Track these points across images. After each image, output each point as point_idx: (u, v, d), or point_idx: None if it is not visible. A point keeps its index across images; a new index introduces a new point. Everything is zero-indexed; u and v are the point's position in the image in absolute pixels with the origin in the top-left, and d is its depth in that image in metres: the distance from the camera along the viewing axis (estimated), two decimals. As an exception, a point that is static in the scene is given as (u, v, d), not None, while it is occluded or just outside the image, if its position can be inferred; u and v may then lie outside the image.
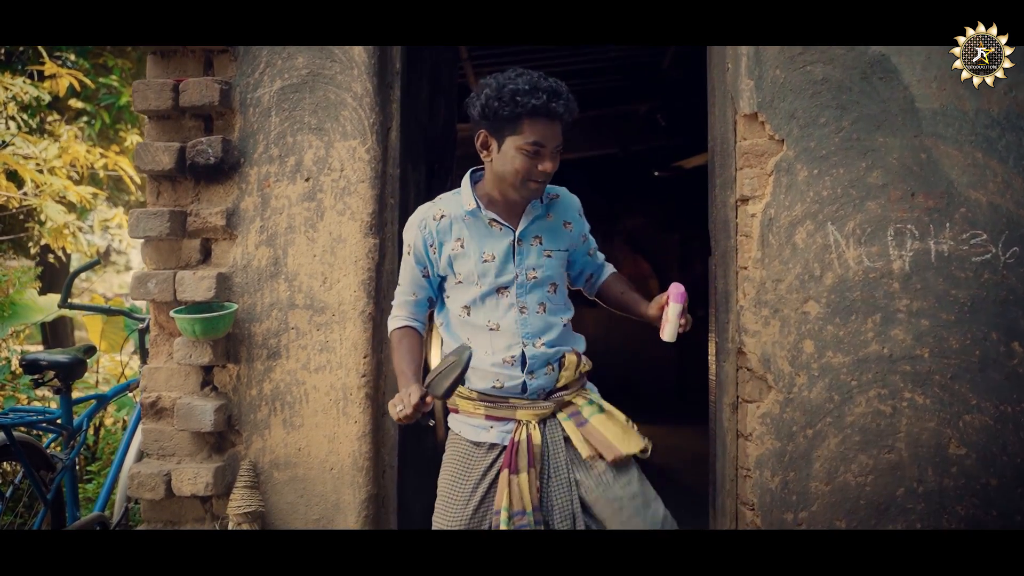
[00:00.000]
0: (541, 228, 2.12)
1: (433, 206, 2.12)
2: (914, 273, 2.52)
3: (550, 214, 2.15)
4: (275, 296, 2.66)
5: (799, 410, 2.54)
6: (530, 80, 1.93)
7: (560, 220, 2.17)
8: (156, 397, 2.68)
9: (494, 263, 2.06)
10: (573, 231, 2.20)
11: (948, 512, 2.50)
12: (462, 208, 2.08)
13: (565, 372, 2.10)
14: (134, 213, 2.62)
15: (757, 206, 2.58)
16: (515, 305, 2.06)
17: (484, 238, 2.08)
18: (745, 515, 2.59)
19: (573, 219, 2.20)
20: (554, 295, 2.12)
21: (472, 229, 2.08)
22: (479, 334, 2.08)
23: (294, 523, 2.65)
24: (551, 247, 2.12)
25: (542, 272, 2.09)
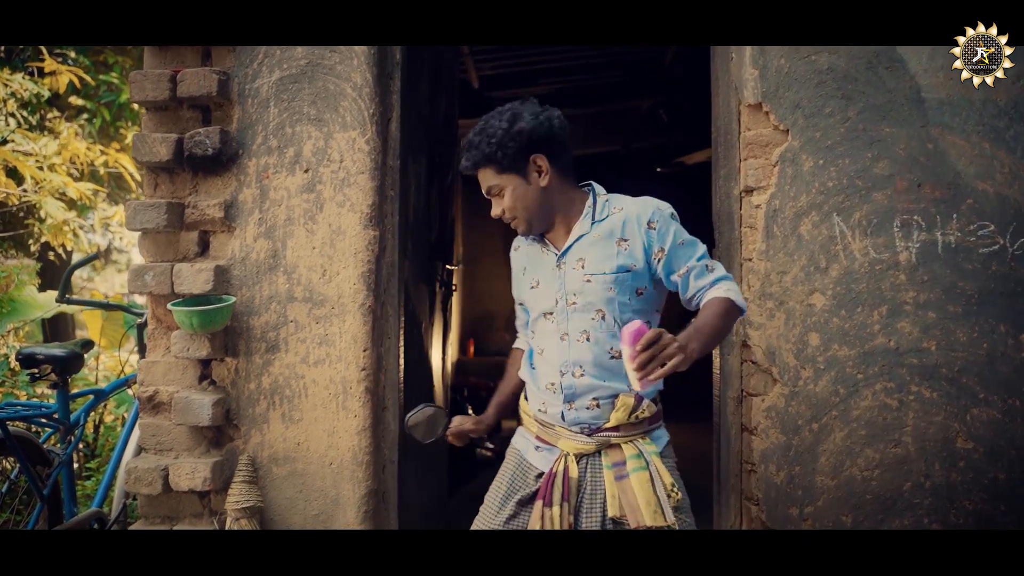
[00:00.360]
0: (585, 248, 1.96)
1: (516, 240, 2.16)
2: (921, 265, 2.49)
3: (599, 231, 1.97)
4: (274, 289, 2.63)
5: (804, 403, 2.51)
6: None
7: (612, 237, 1.95)
8: (154, 391, 2.65)
9: (539, 288, 2.02)
10: (633, 249, 1.94)
11: (956, 507, 2.47)
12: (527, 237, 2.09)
13: (616, 413, 1.93)
14: (131, 205, 2.59)
15: (762, 197, 2.55)
16: (557, 332, 1.97)
17: (536, 262, 2.06)
18: (750, 510, 2.56)
19: (633, 234, 1.94)
20: (601, 322, 1.93)
21: (531, 254, 2.08)
22: (537, 359, 2.06)
23: (293, 518, 2.62)
24: (593, 271, 1.94)
25: (582, 298, 1.94)
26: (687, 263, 1.94)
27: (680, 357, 1.67)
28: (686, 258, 1.95)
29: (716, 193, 2.73)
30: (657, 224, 1.94)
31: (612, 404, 1.94)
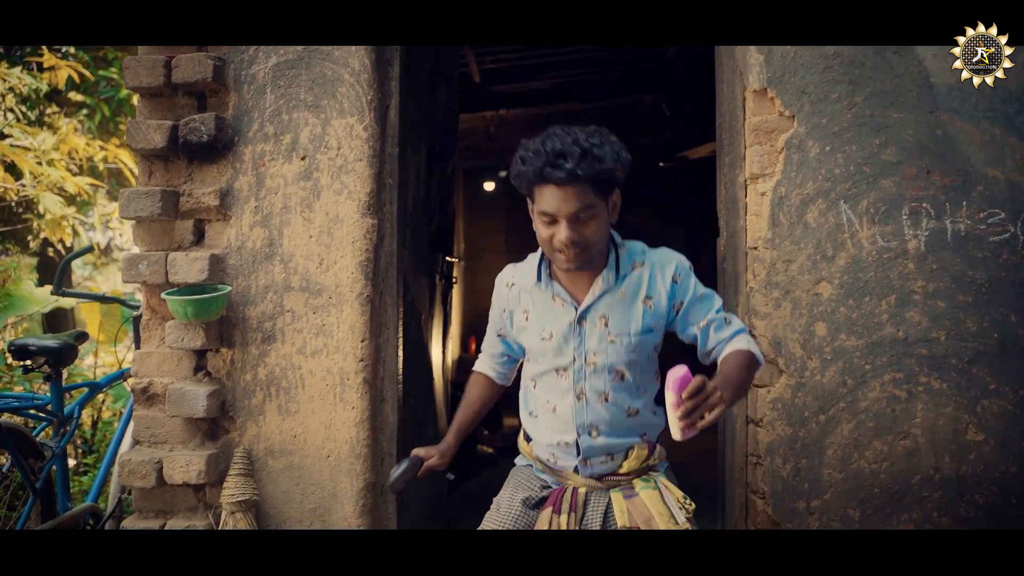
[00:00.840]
0: (610, 305, 1.90)
1: (510, 272, 2.05)
2: (930, 253, 2.44)
3: (624, 288, 1.91)
4: (270, 278, 2.59)
5: (811, 395, 2.46)
6: (540, 143, 1.77)
7: (637, 295, 1.90)
8: (148, 383, 2.60)
9: (552, 342, 1.93)
10: (658, 306, 1.91)
11: (966, 500, 2.42)
12: (530, 277, 1.97)
13: (629, 462, 1.95)
14: (124, 193, 2.55)
15: (767, 184, 2.50)
16: (572, 390, 1.92)
17: (546, 313, 1.95)
18: (755, 504, 2.51)
19: (655, 291, 1.91)
20: (620, 383, 1.92)
21: (538, 302, 1.97)
22: (540, 409, 2.00)
23: (289, 512, 2.57)
24: (617, 331, 1.89)
25: (603, 359, 1.90)
26: (706, 316, 1.92)
27: (723, 407, 1.61)
28: (705, 311, 1.93)
29: (721, 181, 2.68)
30: (680, 278, 1.92)
31: (626, 455, 1.95)
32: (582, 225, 1.78)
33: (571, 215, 1.76)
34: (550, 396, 1.96)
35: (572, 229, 1.76)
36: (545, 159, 1.73)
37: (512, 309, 2.02)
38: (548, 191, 1.76)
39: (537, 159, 1.75)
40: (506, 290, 2.03)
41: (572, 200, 1.75)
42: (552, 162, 1.72)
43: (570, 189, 1.74)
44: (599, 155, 1.74)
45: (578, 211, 1.76)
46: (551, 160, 1.72)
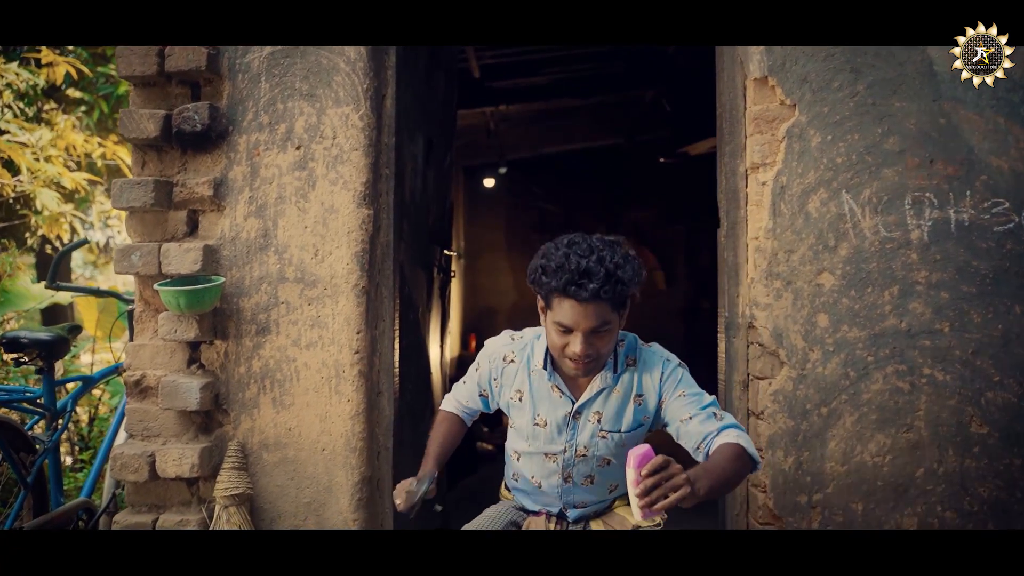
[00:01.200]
0: (604, 403, 1.99)
1: (508, 346, 2.09)
2: (933, 243, 2.40)
3: (618, 387, 1.99)
4: (264, 269, 2.55)
5: (813, 387, 2.43)
6: (564, 256, 1.80)
7: (629, 393, 1.99)
8: (140, 375, 2.57)
9: (545, 429, 2.02)
10: (647, 403, 1.99)
11: (970, 494, 2.38)
12: (530, 360, 2.04)
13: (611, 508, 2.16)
14: (117, 183, 2.52)
15: (768, 174, 2.46)
16: (559, 473, 2.05)
17: (543, 399, 2.02)
18: (757, 497, 2.47)
19: (644, 391, 1.99)
20: (606, 468, 2.04)
21: (535, 385, 2.03)
22: (524, 481, 2.12)
23: (284, 506, 2.54)
24: (608, 428, 1.99)
25: (593, 451, 2.02)
26: (691, 411, 1.91)
27: (687, 490, 1.56)
28: (693, 406, 1.92)
29: (721, 170, 2.65)
30: (667, 374, 1.98)
31: (610, 506, 2.15)
32: (597, 338, 1.84)
33: (588, 330, 1.81)
34: (535, 473, 2.08)
35: (587, 343, 1.83)
36: (570, 277, 1.77)
37: (504, 384, 2.08)
38: (568, 305, 1.80)
39: (561, 274, 1.78)
40: (502, 363, 2.08)
41: (591, 317, 1.80)
42: (576, 281, 1.76)
43: (590, 307, 1.78)
44: (622, 277, 1.79)
45: (595, 327, 1.81)
46: (575, 279, 1.76)
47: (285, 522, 2.53)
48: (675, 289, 8.13)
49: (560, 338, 1.86)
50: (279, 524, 2.53)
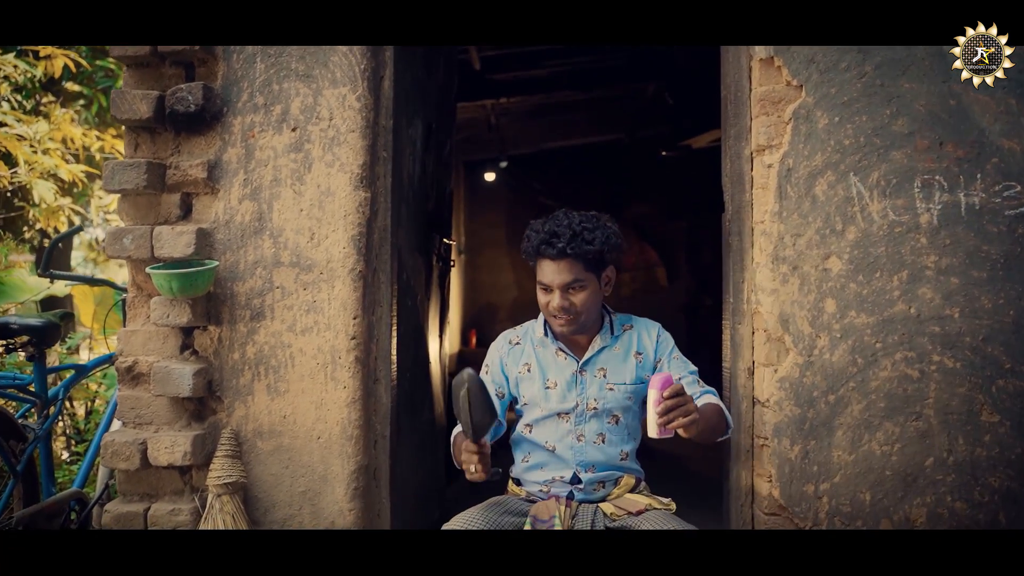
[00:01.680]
0: (607, 360, 2.22)
1: (511, 332, 2.34)
2: (943, 227, 2.35)
3: (618, 346, 2.24)
4: (259, 253, 2.50)
5: (820, 374, 2.37)
6: (541, 223, 2.12)
7: (629, 351, 2.23)
8: (132, 362, 2.51)
9: (556, 390, 2.20)
10: (646, 360, 2.23)
11: (980, 484, 2.33)
12: (533, 336, 2.28)
13: (617, 489, 2.22)
14: (109, 164, 2.46)
15: (774, 156, 2.41)
16: (573, 432, 2.18)
17: (549, 365, 2.24)
18: (762, 487, 2.41)
19: (643, 348, 2.24)
20: (615, 426, 2.20)
21: (541, 355, 2.25)
22: (537, 450, 2.23)
23: (278, 496, 2.48)
24: (614, 380, 2.20)
25: (603, 404, 2.19)
26: (681, 372, 2.22)
27: (696, 416, 1.85)
28: (680, 369, 2.23)
29: (726, 153, 2.59)
30: (660, 339, 2.26)
31: (616, 483, 2.23)
32: (572, 294, 2.10)
33: (562, 286, 2.09)
34: (548, 438, 2.20)
35: (563, 297, 2.10)
36: (542, 238, 2.08)
37: (511, 363, 2.27)
38: (544, 264, 2.10)
39: (536, 237, 2.10)
40: (508, 346, 2.29)
41: (564, 273, 2.08)
42: (547, 240, 2.07)
43: (562, 263, 2.08)
44: (588, 238, 2.07)
45: (569, 283, 2.09)
46: (546, 239, 2.07)
47: (279, 512, 2.48)
48: (677, 285, 8.08)
49: (544, 297, 2.14)
50: (273, 514, 2.48)
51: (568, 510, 2.10)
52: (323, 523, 2.46)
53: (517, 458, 2.31)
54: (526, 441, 2.27)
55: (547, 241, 2.07)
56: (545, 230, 2.09)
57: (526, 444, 2.27)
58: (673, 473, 4.61)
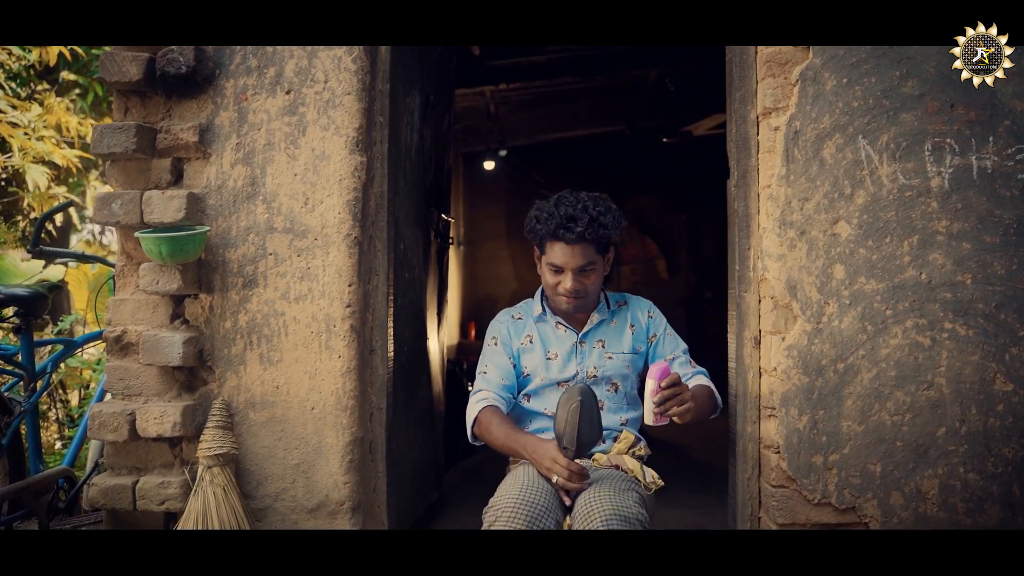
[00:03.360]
0: (605, 332, 2.30)
1: (513, 308, 2.41)
2: (954, 191, 2.28)
3: (615, 320, 2.33)
4: (252, 219, 2.43)
5: (828, 342, 2.30)
6: (554, 205, 2.14)
7: (624, 324, 2.32)
8: (121, 331, 2.45)
9: (557, 360, 2.27)
10: (639, 331, 2.32)
11: (993, 455, 2.26)
12: (532, 312, 2.35)
13: (618, 445, 2.24)
14: (97, 128, 2.40)
15: (781, 118, 2.34)
16: None
17: (550, 338, 2.31)
18: (769, 459, 2.34)
19: (637, 321, 2.33)
20: (615, 394, 2.27)
21: (541, 329, 2.32)
22: (537, 418, 2.27)
23: (271, 468, 2.41)
24: (613, 350, 2.28)
25: (602, 371, 2.26)
26: (673, 351, 2.32)
27: (691, 405, 1.96)
28: (673, 346, 2.33)
29: (731, 118, 2.53)
30: (653, 314, 2.37)
31: (615, 438, 2.26)
32: (584, 276, 2.17)
33: (576, 268, 2.15)
34: (548, 405, 2.24)
35: (576, 280, 2.16)
36: (559, 222, 2.10)
37: (515, 336, 2.32)
38: (559, 247, 2.14)
39: (551, 220, 2.12)
40: (510, 320, 2.35)
41: (578, 256, 2.13)
42: (565, 225, 2.10)
43: (577, 247, 2.12)
44: (604, 222, 2.12)
45: (582, 266, 2.15)
46: (564, 223, 2.10)
47: (272, 485, 2.41)
48: (677, 278, 8.01)
49: (553, 277, 2.18)
50: (266, 487, 2.41)
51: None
52: (317, 496, 2.39)
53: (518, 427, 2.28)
54: (525, 411, 2.30)
55: (564, 225, 2.10)
56: (561, 214, 2.11)
57: (526, 414, 2.31)
58: (676, 462, 4.55)
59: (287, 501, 2.40)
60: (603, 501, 1.92)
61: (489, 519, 1.96)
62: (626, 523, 1.87)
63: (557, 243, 2.13)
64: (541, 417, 2.26)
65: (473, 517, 3.10)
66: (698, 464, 4.51)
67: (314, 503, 2.39)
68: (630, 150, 7.66)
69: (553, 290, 2.20)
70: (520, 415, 2.32)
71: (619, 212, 2.20)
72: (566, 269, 2.14)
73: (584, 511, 1.94)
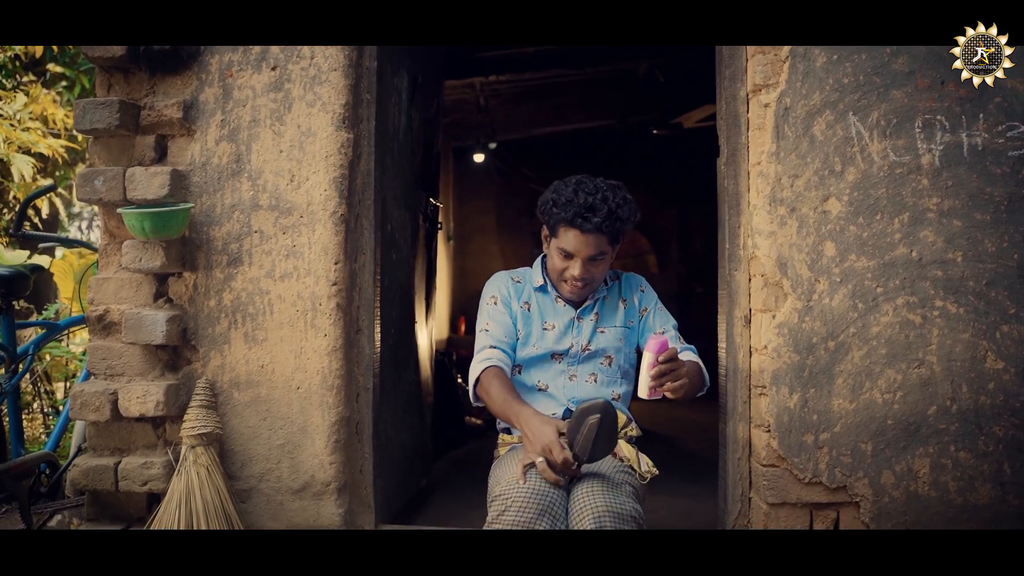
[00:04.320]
0: (600, 307, 2.29)
1: (513, 272, 2.37)
2: (945, 168, 2.27)
3: (608, 295, 2.31)
4: (237, 196, 2.40)
5: (819, 320, 2.29)
6: (573, 192, 2.10)
7: (617, 298, 2.31)
8: (104, 310, 2.41)
9: (553, 332, 2.23)
10: (631, 305, 2.31)
11: (985, 433, 2.25)
12: (532, 281, 2.31)
13: None
14: (80, 103, 2.36)
15: (771, 95, 2.33)
16: (565, 372, 2.21)
17: (549, 309, 2.28)
18: (760, 438, 2.33)
19: (628, 296, 2.32)
20: (608, 368, 2.24)
21: (540, 300, 2.29)
22: (527, 393, 2.21)
23: (256, 449, 2.38)
24: (605, 324, 2.27)
25: (596, 345, 2.23)
26: (664, 325, 2.29)
27: (685, 381, 1.93)
28: (663, 320, 2.30)
29: (721, 96, 2.51)
30: (645, 289, 2.35)
31: None
32: (593, 265, 2.14)
33: (587, 257, 2.12)
34: (541, 378, 2.21)
35: (585, 268, 2.13)
36: (577, 210, 2.07)
37: (515, 297, 2.29)
38: (573, 234, 2.10)
39: (570, 207, 2.08)
40: (510, 282, 2.31)
41: (591, 246, 2.10)
42: (583, 214, 2.07)
43: (591, 237, 2.09)
44: (621, 215, 2.10)
45: (593, 255, 2.12)
46: (582, 212, 2.07)
47: (256, 466, 2.38)
48: (667, 273, 8.00)
49: (562, 262, 2.15)
50: (250, 468, 2.38)
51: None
52: (302, 477, 2.36)
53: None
54: (517, 383, 2.24)
55: (582, 214, 2.07)
56: (580, 202, 2.08)
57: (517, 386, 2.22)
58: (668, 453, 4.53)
59: (272, 482, 2.37)
60: (596, 497, 1.89)
61: (497, 507, 1.88)
62: (619, 520, 1.84)
63: (572, 230, 2.10)
64: (533, 391, 2.21)
65: (462, 505, 3.09)
66: (689, 455, 4.50)
67: (299, 484, 2.36)
68: (620, 145, 7.64)
69: (559, 274, 2.18)
70: None
71: (635, 204, 2.18)
72: (577, 256, 2.12)
73: (578, 506, 1.91)
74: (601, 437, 1.85)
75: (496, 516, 1.89)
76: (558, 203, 2.11)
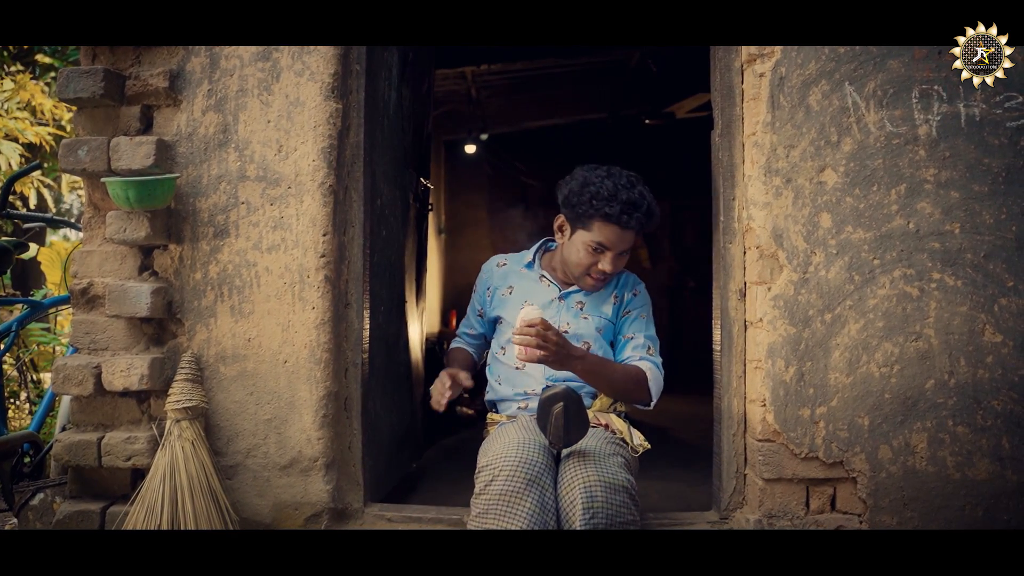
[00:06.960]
0: (586, 296, 2.34)
1: (501, 256, 2.49)
2: (942, 139, 2.24)
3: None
4: (224, 167, 2.36)
5: (815, 292, 2.25)
6: (613, 186, 2.14)
7: (609, 293, 2.35)
8: (88, 284, 2.36)
9: None
10: (617, 304, 2.35)
11: (983, 407, 2.22)
12: (521, 262, 2.40)
13: (597, 401, 2.30)
14: (64, 71, 2.31)
15: (766, 64, 2.29)
16: None
17: (531, 288, 2.36)
18: (755, 413, 2.29)
19: (621, 295, 2.36)
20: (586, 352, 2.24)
21: (524, 280, 2.38)
22: (508, 372, 2.32)
23: (242, 424, 2.33)
24: (590, 312, 2.32)
25: (574, 328, 2.28)
26: (635, 332, 2.32)
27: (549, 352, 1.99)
28: (637, 328, 2.33)
29: (715, 67, 2.47)
30: (638, 293, 2.39)
31: (594, 396, 2.30)
32: (620, 259, 2.23)
33: (620, 252, 2.20)
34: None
35: (614, 263, 2.21)
36: (621, 207, 2.13)
37: (497, 285, 2.38)
38: (611, 229, 2.16)
39: (613, 203, 2.13)
40: (496, 268, 2.42)
41: (627, 241, 2.20)
42: (626, 210, 2.13)
43: (629, 233, 2.18)
44: (654, 213, 2.20)
45: (625, 250, 2.22)
46: (626, 208, 2.13)
47: (243, 441, 2.33)
48: (659, 267, 7.98)
49: (590, 256, 2.20)
50: (237, 443, 2.33)
51: None
52: (290, 453, 2.31)
53: (491, 380, 2.42)
54: (498, 363, 2.38)
55: (626, 211, 2.12)
56: (623, 199, 2.13)
57: (497, 366, 2.40)
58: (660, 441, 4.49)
59: (259, 458, 2.32)
60: (588, 467, 1.90)
61: (485, 478, 1.91)
62: (610, 489, 1.86)
63: (610, 225, 2.14)
64: (512, 371, 2.32)
65: (451, 489, 3.05)
66: (681, 443, 4.47)
67: (287, 460, 2.31)
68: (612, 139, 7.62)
69: (584, 269, 2.22)
70: (494, 367, 2.43)
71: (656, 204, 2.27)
72: (611, 251, 2.18)
73: (568, 476, 1.89)
74: (571, 422, 1.89)
75: (483, 487, 1.88)
76: (599, 196, 2.14)
